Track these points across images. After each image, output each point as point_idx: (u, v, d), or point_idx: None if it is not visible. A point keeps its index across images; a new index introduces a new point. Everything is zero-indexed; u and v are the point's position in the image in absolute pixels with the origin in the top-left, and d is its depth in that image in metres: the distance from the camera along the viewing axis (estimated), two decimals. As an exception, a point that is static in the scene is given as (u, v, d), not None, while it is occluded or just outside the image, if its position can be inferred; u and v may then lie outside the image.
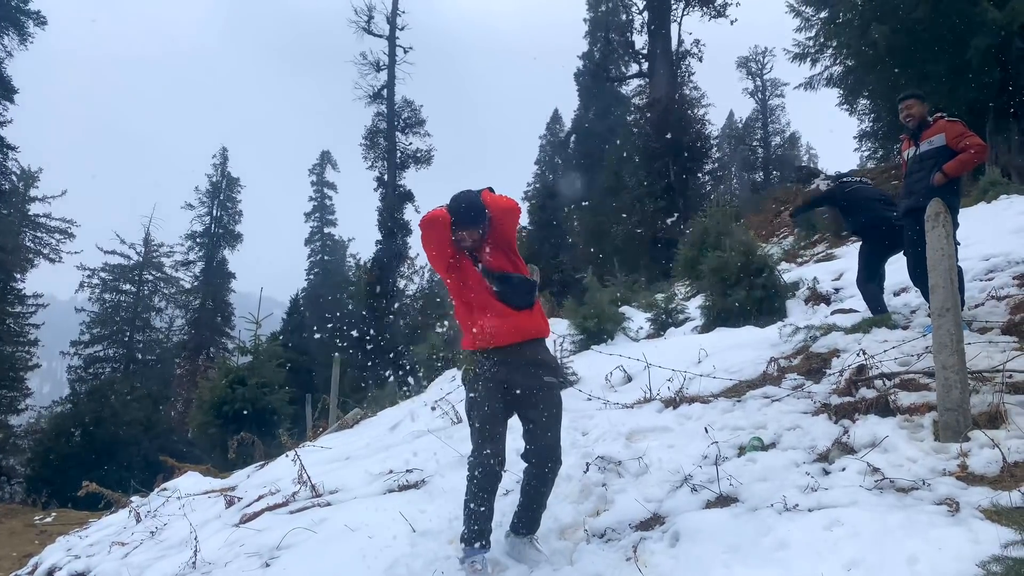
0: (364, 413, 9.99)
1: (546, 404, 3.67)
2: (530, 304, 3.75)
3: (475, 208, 3.58)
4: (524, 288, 3.73)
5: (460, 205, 3.59)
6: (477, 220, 3.59)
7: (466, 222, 3.59)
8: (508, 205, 3.65)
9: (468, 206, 3.59)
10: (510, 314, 3.67)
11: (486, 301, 3.68)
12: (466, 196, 3.63)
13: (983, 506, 2.95)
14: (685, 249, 12.50)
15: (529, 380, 3.65)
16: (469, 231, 3.62)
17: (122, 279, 42.47)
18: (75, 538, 7.01)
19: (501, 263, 3.72)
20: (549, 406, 3.68)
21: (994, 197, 11.44)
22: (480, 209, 3.57)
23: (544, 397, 3.67)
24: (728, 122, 51.82)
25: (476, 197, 3.61)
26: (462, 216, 3.59)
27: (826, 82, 23.65)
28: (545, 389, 3.69)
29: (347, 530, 4.27)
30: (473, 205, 3.58)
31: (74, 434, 28.03)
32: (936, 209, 4.09)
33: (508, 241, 3.74)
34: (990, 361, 4.46)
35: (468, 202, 3.60)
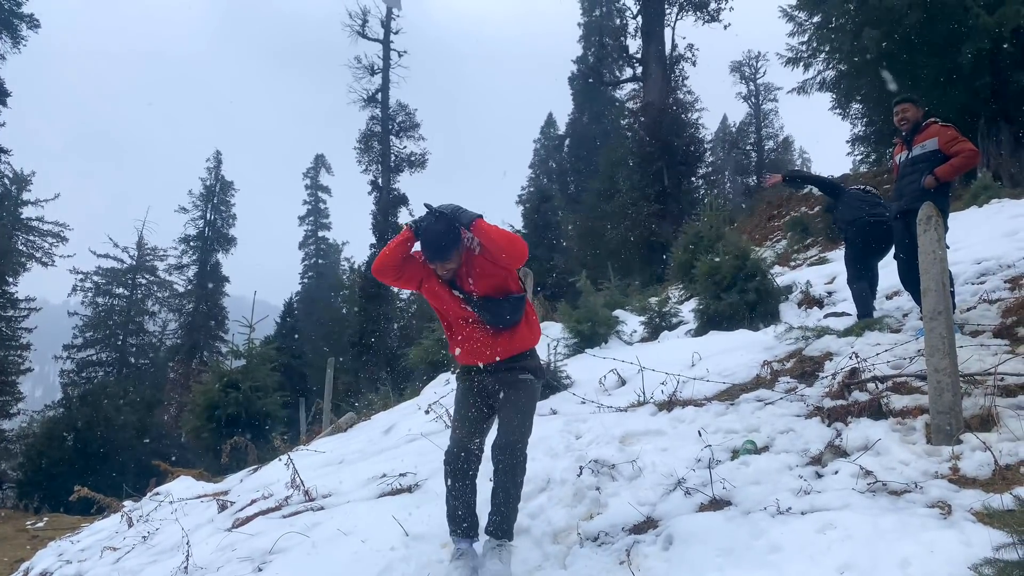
0: (358, 417, 9.97)
1: (514, 395, 3.56)
2: (516, 322, 3.58)
3: (444, 240, 3.31)
4: (509, 308, 3.52)
5: (427, 238, 3.33)
6: (444, 254, 3.33)
7: (433, 257, 3.36)
8: (505, 244, 3.31)
9: (435, 238, 3.32)
10: (492, 334, 3.55)
11: (465, 322, 3.59)
12: (435, 228, 3.32)
13: (975, 509, 2.97)
14: (678, 252, 12.52)
15: (507, 379, 3.61)
16: (439, 264, 3.40)
17: (115, 283, 42.37)
18: (67, 543, 6.98)
19: (485, 289, 3.50)
20: (517, 397, 3.55)
21: (986, 201, 11.50)
22: (451, 241, 3.31)
23: (513, 388, 3.58)
24: (722, 126, 51.98)
25: (446, 229, 3.31)
26: (428, 250, 3.35)
27: (819, 86, 23.70)
28: (517, 382, 3.59)
29: (340, 534, 4.26)
30: (441, 237, 3.30)
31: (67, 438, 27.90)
32: (928, 212, 4.11)
33: (507, 273, 3.51)
34: (982, 364, 4.48)
35: (436, 235, 3.32)
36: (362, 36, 36.29)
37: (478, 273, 3.46)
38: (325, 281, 53.48)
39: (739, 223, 23.06)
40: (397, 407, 9.31)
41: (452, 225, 3.33)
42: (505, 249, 3.32)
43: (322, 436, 9.27)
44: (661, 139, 27.22)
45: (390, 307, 35.36)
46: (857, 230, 6.52)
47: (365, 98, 36.44)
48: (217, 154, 47.36)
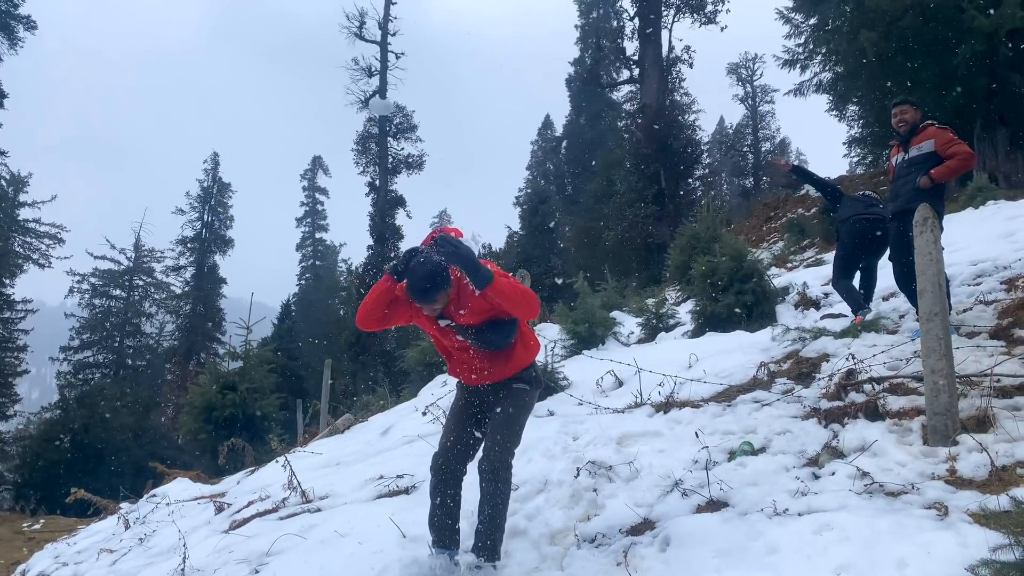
0: (355, 418, 9.96)
1: (506, 407, 3.49)
2: (509, 343, 3.49)
3: (430, 283, 3.16)
4: (503, 334, 3.42)
5: (413, 280, 3.17)
6: (431, 296, 3.19)
7: (420, 300, 3.23)
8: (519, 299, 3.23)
9: (421, 281, 3.16)
10: (487, 356, 3.50)
11: (457, 345, 3.53)
12: (422, 270, 3.15)
13: (972, 510, 2.97)
14: (675, 254, 12.53)
15: (503, 390, 3.57)
16: (426, 306, 3.27)
17: (112, 284, 42.30)
18: (63, 545, 6.97)
19: (477, 320, 3.38)
20: (507, 409, 3.48)
21: (982, 203, 11.53)
22: (437, 284, 3.16)
23: (507, 399, 3.52)
24: (718, 128, 52.05)
25: (432, 271, 3.14)
26: (414, 293, 3.20)
27: (815, 88, 23.75)
28: (512, 391, 3.54)
29: (337, 536, 4.26)
30: (427, 280, 3.15)
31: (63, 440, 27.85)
32: (924, 214, 4.12)
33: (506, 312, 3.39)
34: (978, 365, 4.49)
35: (422, 278, 3.15)
36: (359, 38, 36.31)
37: (471, 308, 3.33)
38: (322, 283, 53.43)
39: (736, 224, 23.12)
40: (394, 408, 9.31)
41: (439, 267, 3.16)
42: (519, 305, 3.26)
43: (319, 438, 9.26)
44: (658, 141, 27.26)
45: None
46: (849, 228, 6.61)
47: (363, 100, 36.44)
48: (214, 156, 47.38)
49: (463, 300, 3.33)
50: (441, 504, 3.45)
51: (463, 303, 3.33)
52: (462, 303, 3.33)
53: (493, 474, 3.34)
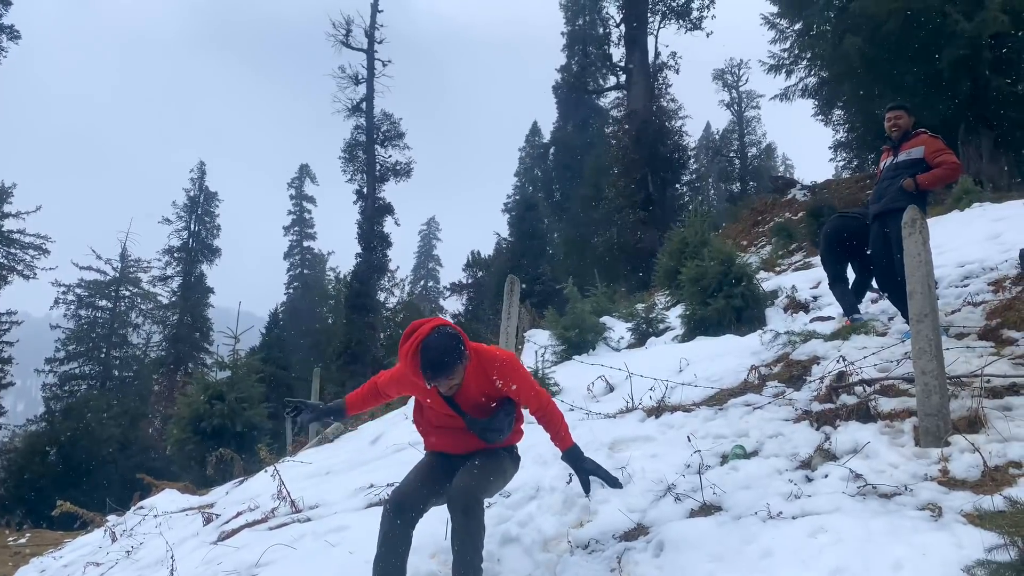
0: (344, 427, 9.89)
1: (480, 456, 3.30)
2: (501, 439, 3.37)
3: (448, 355, 3.02)
4: (505, 423, 3.33)
5: (428, 354, 2.98)
6: (447, 368, 3.03)
7: (435, 375, 3.02)
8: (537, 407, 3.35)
9: (438, 355, 2.99)
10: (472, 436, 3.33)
11: (444, 419, 3.35)
12: (437, 343, 3.01)
13: (966, 511, 2.96)
14: (664, 259, 12.55)
15: (476, 456, 3.36)
16: (438, 382, 3.07)
17: (98, 295, 41.95)
18: (49, 559, 6.88)
19: (483, 405, 3.29)
20: (484, 458, 3.29)
21: (967, 205, 11.59)
22: (455, 358, 3.03)
23: (481, 454, 3.33)
24: (705, 133, 52.35)
25: (449, 344, 3.02)
26: (431, 369, 2.99)
27: (801, 93, 23.92)
28: (487, 451, 3.36)
29: (327, 546, 4.21)
30: (444, 353, 3.01)
31: (49, 453, 27.56)
32: (913, 216, 4.13)
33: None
34: (968, 366, 4.50)
35: (438, 351, 3.00)
36: (346, 46, 36.34)
37: (487, 396, 3.28)
38: (311, 291, 53.28)
39: (723, 229, 23.20)
40: (384, 417, 9.25)
41: (455, 337, 3.06)
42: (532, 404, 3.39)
43: (309, 447, 9.19)
44: (645, 146, 27.40)
45: (376, 316, 35.26)
46: (829, 224, 6.74)
47: (350, 107, 36.46)
48: (201, 165, 47.15)
49: (474, 384, 3.23)
50: (387, 554, 3.16)
51: (474, 387, 3.23)
52: (473, 387, 3.23)
53: (465, 508, 3.07)
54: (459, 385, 3.18)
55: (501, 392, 3.27)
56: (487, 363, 3.25)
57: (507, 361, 3.30)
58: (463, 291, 39.83)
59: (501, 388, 3.26)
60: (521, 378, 3.32)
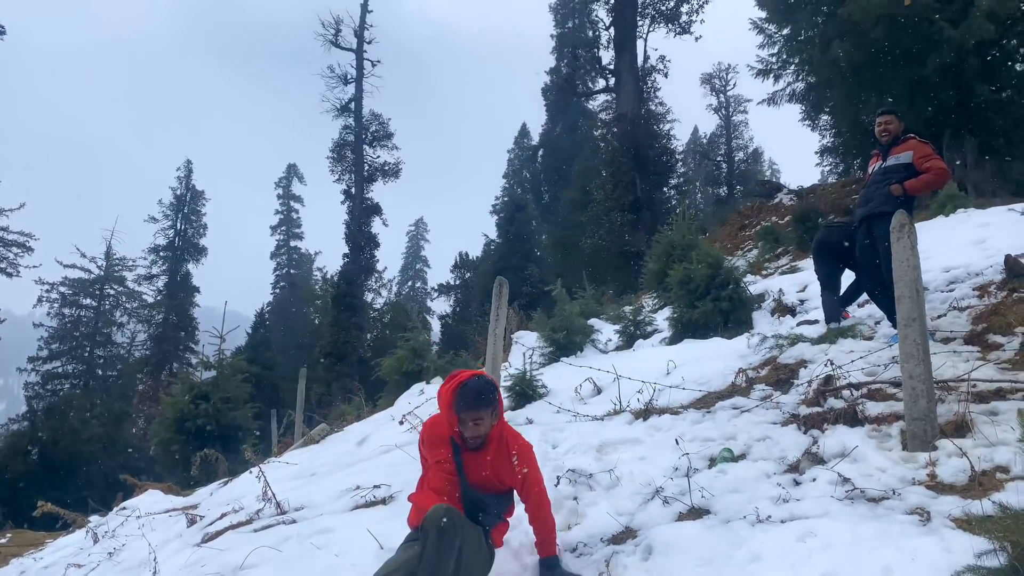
0: (330, 428, 9.83)
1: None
2: (491, 525, 3.43)
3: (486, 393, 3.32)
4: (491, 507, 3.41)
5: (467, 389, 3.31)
6: (484, 403, 3.29)
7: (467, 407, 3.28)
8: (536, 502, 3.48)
9: (477, 390, 3.31)
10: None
11: (445, 483, 3.41)
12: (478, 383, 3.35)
13: (954, 515, 2.97)
14: (652, 261, 12.56)
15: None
16: (469, 415, 3.29)
17: (82, 293, 41.57)
18: (30, 560, 6.79)
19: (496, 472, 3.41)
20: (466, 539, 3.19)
21: (952, 211, 11.67)
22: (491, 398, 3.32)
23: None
24: (692, 137, 52.55)
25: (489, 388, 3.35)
26: (465, 400, 3.28)
27: (788, 98, 23.99)
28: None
29: (313, 548, 4.16)
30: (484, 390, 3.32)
31: (31, 452, 27.29)
32: (901, 221, 4.14)
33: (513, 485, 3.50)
34: (955, 371, 4.51)
35: (479, 387, 3.32)
36: (335, 46, 36.26)
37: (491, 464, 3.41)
38: (297, 291, 53.04)
39: (711, 233, 23.25)
40: (370, 418, 9.20)
41: (492, 386, 3.40)
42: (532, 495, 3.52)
43: (294, 448, 9.13)
44: (633, 149, 27.42)
45: (363, 317, 35.13)
46: (819, 235, 6.85)
47: (338, 107, 36.34)
48: (188, 163, 46.90)
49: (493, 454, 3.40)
50: None
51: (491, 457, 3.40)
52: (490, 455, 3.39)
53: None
54: (483, 438, 3.36)
55: (510, 474, 3.42)
56: (511, 438, 3.49)
57: (528, 446, 3.56)
58: (450, 292, 39.81)
59: (514, 469, 3.42)
60: (534, 466, 3.54)
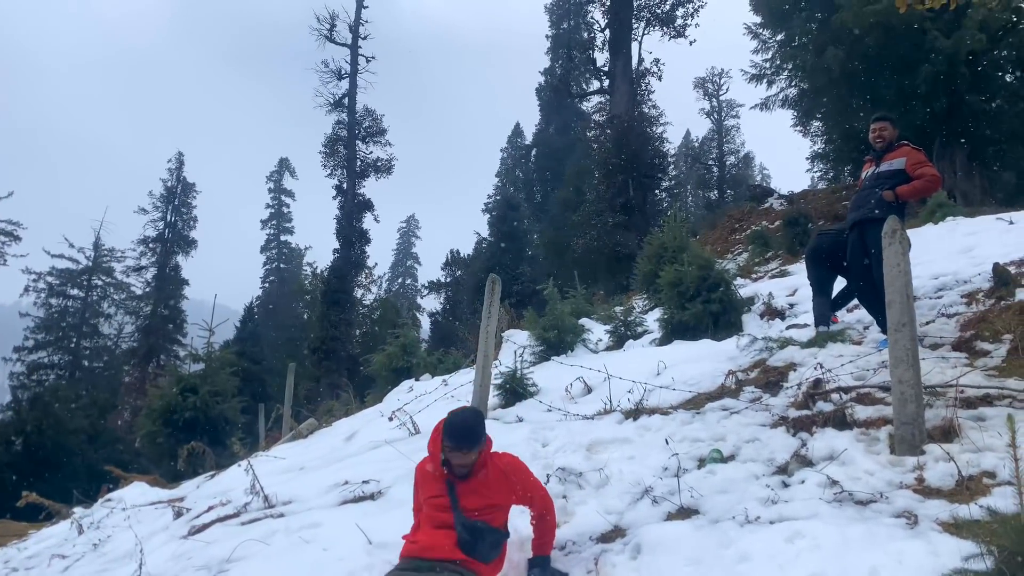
0: (319, 423, 9.81)
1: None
2: (487, 560, 3.38)
3: (473, 425, 3.40)
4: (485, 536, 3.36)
5: (454, 424, 3.39)
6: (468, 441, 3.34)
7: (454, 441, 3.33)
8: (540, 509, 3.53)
9: (460, 425, 3.38)
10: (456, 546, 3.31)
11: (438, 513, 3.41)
12: (463, 417, 3.45)
13: (941, 519, 2.99)
14: (643, 263, 12.58)
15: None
16: (455, 450, 3.34)
17: (70, 284, 41.27)
18: (13, 550, 6.72)
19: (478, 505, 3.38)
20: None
21: (941, 219, 11.77)
22: (477, 433, 3.38)
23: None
24: (685, 141, 52.67)
25: (475, 421, 3.43)
26: (451, 435, 3.35)
27: (781, 103, 24.18)
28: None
29: (301, 542, 4.15)
30: (470, 425, 3.39)
31: (14, 443, 27.03)
32: (893, 226, 4.17)
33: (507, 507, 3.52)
34: (943, 376, 4.55)
35: (464, 420, 3.41)
36: (330, 40, 36.19)
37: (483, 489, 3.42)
38: (287, 286, 52.86)
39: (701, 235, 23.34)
40: (359, 414, 9.18)
41: (479, 417, 3.51)
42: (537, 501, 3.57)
43: (282, 442, 9.10)
44: (626, 151, 27.48)
45: (352, 313, 35.05)
46: (812, 241, 6.96)
47: (332, 102, 36.26)
48: (179, 155, 46.61)
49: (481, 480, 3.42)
50: None
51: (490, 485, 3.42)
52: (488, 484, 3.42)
53: None
54: (470, 469, 3.38)
55: (504, 493, 3.45)
56: (497, 458, 3.54)
57: (515, 460, 3.64)
58: (441, 290, 39.76)
59: (508, 487, 3.45)
60: (530, 476, 3.61)
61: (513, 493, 3.46)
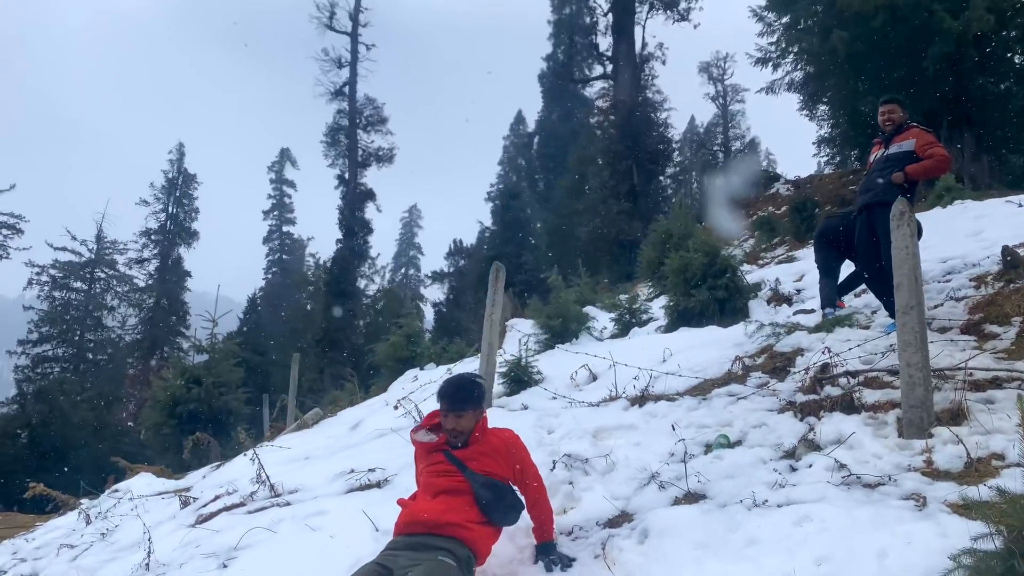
0: (323, 413, 9.81)
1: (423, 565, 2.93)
2: (511, 522, 3.38)
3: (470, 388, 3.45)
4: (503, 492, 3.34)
5: (447, 384, 3.47)
6: (458, 399, 3.38)
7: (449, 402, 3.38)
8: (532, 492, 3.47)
9: (455, 386, 3.45)
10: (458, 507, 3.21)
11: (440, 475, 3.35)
12: (458, 379, 3.52)
13: (950, 500, 2.97)
14: (648, 250, 12.54)
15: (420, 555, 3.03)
16: (451, 414, 3.38)
17: (73, 276, 41.31)
18: (21, 541, 6.73)
19: (489, 466, 3.36)
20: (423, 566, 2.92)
21: (949, 202, 11.71)
22: (473, 395, 3.43)
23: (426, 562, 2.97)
24: (689, 126, 52.43)
25: (473, 383, 3.50)
26: (446, 395, 3.40)
27: (787, 87, 24.01)
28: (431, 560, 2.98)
29: (308, 529, 4.16)
30: (462, 387, 3.44)
31: (20, 436, 27.18)
32: (901, 208, 4.13)
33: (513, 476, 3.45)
34: (951, 359, 4.52)
35: (459, 382, 3.49)
36: (329, 28, 35.98)
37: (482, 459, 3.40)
38: (290, 277, 52.86)
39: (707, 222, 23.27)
40: (364, 403, 9.18)
41: (476, 381, 3.54)
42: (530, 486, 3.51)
43: (287, 432, 9.10)
44: (630, 137, 27.39)
45: (355, 304, 35.06)
46: (820, 225, 6.86)
47: (332, 91, 36.10)
48: (180, 146, 46.50)
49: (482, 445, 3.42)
50: None
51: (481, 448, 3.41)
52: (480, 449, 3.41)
53: None
54: (466, 436, 3.40)
55: (500, 468, 3.40)
56: (496, 432, 3.54)
57: (515, 437, 3.58)
58: (444, 279, 39.74)
59: (504, 462, 3.41)
60: (527, 457, 3.55)
61: (511, 468, 3.42)
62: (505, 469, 3.40)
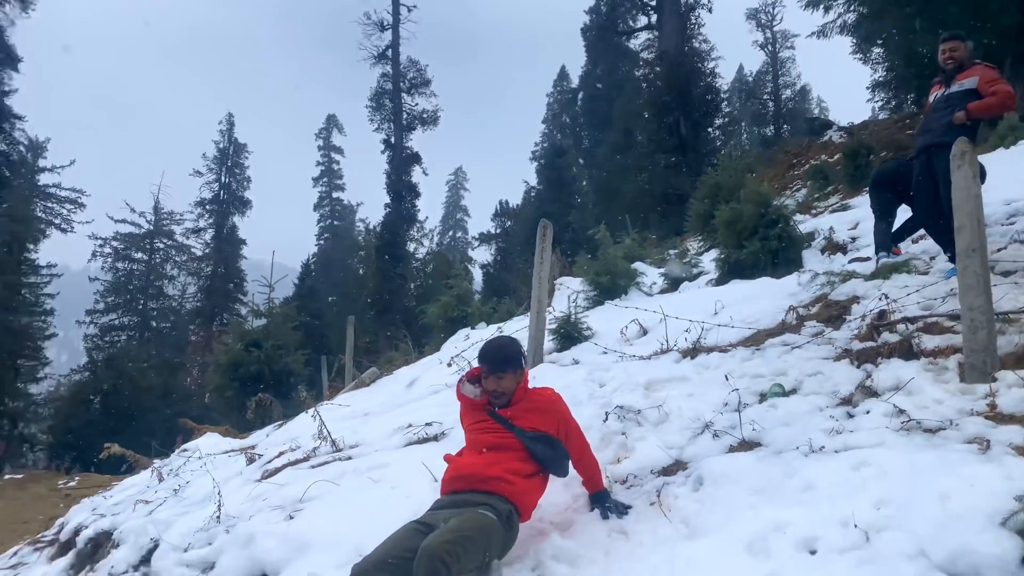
0: (380, 372, 10.03)
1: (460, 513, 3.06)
2: (563, 473, 3.57)
3: (503, 350, 3.56)
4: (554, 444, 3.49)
5: (487, 347, 3.60)
6: (498, 361, 3.51)
7: (490, 364, 3.52)
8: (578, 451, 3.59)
9: (495, 347, 3.58)
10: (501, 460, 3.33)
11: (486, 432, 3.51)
12: (501, 339, 3.69)
13: (1015, 443, 2.92)
14: (697, 204, 12.35)
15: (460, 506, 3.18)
16: (491, 372, 3.52)
17: (134, 248, 42.70)
18: (100, 499, 7.10)
19: (535, 423, 3.48)
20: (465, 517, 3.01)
21: (1012, 143, 11.20)
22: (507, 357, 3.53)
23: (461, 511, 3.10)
24: (738, 76, 50.98)
25: (512, 345, 3.63)
26: (487, 357, 3.54)
27: (839, 30, 23.14)
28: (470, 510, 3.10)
29: (370, 482, 4.30)
30: (503, 349, 3.57)
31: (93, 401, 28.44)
32: (962, 148, 3.99)
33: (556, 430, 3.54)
34: (1016, 302, 4.38)
35: (498, 346, 3.60)
36: (371, -9, 35.81)
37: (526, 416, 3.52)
38: (341, 242, 53.62)
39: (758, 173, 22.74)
40: (419, 362, 9.35)
41: (515, 342, 3.67)
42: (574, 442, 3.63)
43: (346, 391, 9.34)
44: (677, 89, 26.76)
45: (406, 267, 35.44)
46: (878, 168, 6.54)
47: (375, 55, 36.13)
48: (229, 116, 47.25)
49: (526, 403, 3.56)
50: None
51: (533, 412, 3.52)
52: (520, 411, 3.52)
53: (431, 561, 2.71)
54: (508, 396, 3.52)
55: (544, 426, 3.49)
56: (537, 392, 3.66)
57: (556, 396, 3.68)
58: (491, 241, 39.81)
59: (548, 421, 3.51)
60: (568, 414, 3.63)
61: (555, 424, 3.52)
62: (549, 425, 3.50)
